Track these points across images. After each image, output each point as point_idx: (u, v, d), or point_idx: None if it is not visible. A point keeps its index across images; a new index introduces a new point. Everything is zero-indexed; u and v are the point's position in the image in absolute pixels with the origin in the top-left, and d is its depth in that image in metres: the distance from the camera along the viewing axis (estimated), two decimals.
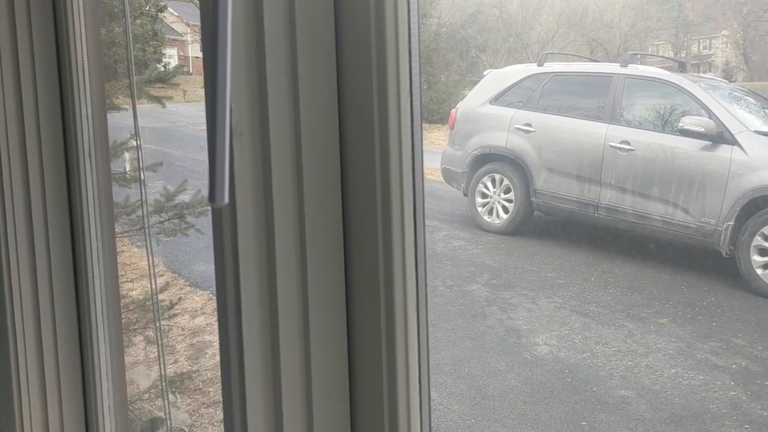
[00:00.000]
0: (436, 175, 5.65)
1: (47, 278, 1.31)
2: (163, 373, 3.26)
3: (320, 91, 0.66)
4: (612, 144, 4.60)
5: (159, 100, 3.68)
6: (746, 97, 4.69)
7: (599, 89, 4.91)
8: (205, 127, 0.56)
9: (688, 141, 4.27)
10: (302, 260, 0.67)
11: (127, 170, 3.55)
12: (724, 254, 4.01)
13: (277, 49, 0.64)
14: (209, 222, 0.68)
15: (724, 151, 4.07)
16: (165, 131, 6.73)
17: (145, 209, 3.30)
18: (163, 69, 4.31)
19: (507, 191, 5.11)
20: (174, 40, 6.74)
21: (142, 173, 3.14)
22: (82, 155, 1.29)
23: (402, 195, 0.66)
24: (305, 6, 0.64)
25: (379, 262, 0.66)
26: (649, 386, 3.20)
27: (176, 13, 6.72)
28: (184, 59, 7.07)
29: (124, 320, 3.33)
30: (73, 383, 1.36)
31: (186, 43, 7.08)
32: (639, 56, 5.47)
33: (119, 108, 3.22)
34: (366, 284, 0.68)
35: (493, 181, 5.19)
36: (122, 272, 3.78)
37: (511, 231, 5.10)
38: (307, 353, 0.68)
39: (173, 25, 6.74)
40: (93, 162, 1.31)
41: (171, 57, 6.64)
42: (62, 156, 1.32)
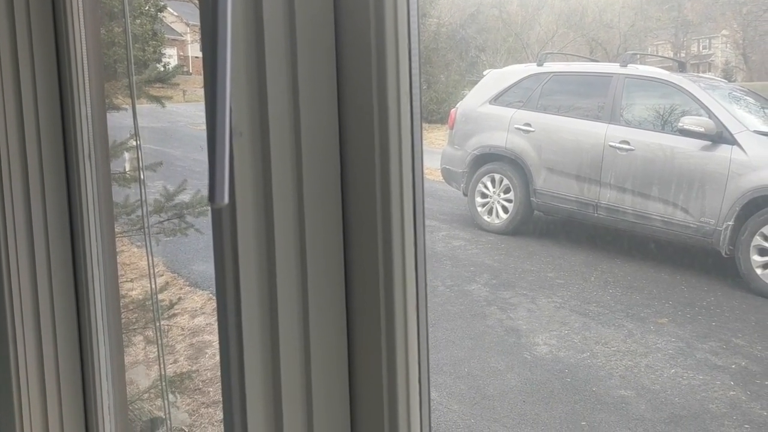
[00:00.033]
0: (436, 175, 5.65)
1: (47, 278, 1.31)
2: (163, 373, 3.25)
3: (320, 91, 0.66)
4: (612, 144, 4.60)
5: (159, 100, 3.67)
6: (746, 97, 4.70)
7: (599, 89, 4.91)
8: (205, 127, 0.55)
9: (688, 141, 4.27)
10: (302, 260, 0.67)
11: (127, 170, 3.55)
12: (724, 254, 4.01)
13: (277, 49, 0.64)
14: (209, 222, 0.68)
15: (724, 151, 4.07)
16: (165, 131, 6.73)
17: (145, 209, 3.30)
18: (163, 69, 4.31)
19: (507, 191, 5.11)
20: (174, 40, 6.74)
21: (142, 173, 3.14)
22: (82, 155, 1.29)
23: (402, 195, 0.66)
24: (305, 6, 0.64)
25: (379, 262, 0.66)
26: (649, 386, 3.20)
27: (176, 13, 6.72)
28: (184, 59, 7.07)
29: (124, 320, 3.33)
30: (73, 383, 1.36)
31: (186, 43, 7.08)
32: (638, 56, 5.47)
33: (119, 108, 3.22)
34: (366, 284, 0.68)
35: (493, 181, 5.19)
36: (122, 272, 3.78)
37: (511, 231, 5.10)
38: (307, 353, 0.68)
39: (173, 25, 6.74)
40: (92, 162, 1.31)
41: (171, 57, 6.64)
42: (62, 156, 1.31)
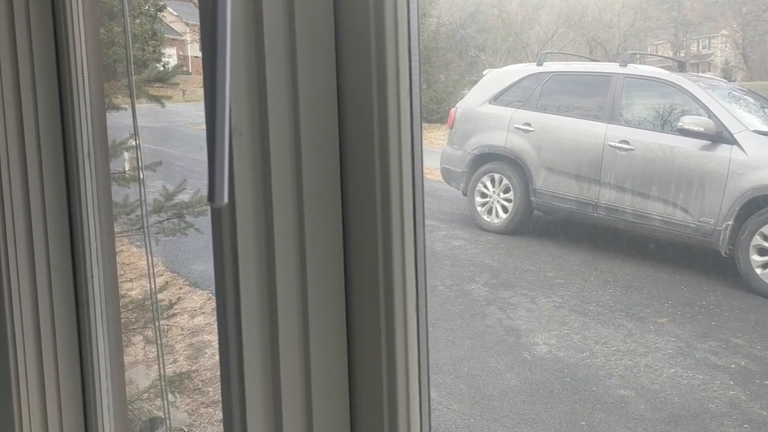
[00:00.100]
0: (436, 175, 5.65)
1: (46, 278, 1.31)
2: (163, 373, 3.25)
3: (320, 91, 0.66)
4: (611, 143, 4.60)
5: (158, 100, 3.67)
6: (745, 97, 4.70)
7: (598, 89, 4.91)
8: (205, 127, 0.55)
9: (688, 140, 4.27)
10: (302, 260, 0.67)
11: (127, 170, 3.55)
12: (724, 254, 4.01)
13: (277, 49, 0.64)
14: (208, 221, 0.68)
15: (724, 151, 4.07)
16: (164, 131, 6.73)
17: (144, 209, 3.30)
18: (163, 68, 4.31)
19: (506, 191, 5.11)
20: (173, 40, 6.74)
21: (141, 173, 3.14)
22: (81, 155, 1.29)
23: (401, 194, 0.66)
24: (304, 5, 0.64)
25: (379, 262, 0.66)
26: (649, 386, 3.20)
27: (175, 13, 6.72)
28: (184, 59, 7.07)
29: (124, 320, 3.32)
30: (73, 383, 1.36)
31: (185, 43, 7.08)
32: (638, 56, 5.48)
33: (118, 107, 3.22)
34: (365, 284, 0.68)
35: (493, 181, 5.19)
36: (121, 272, 3.78)
37: (511, 230, 5.10)
38: (307, 353, 0.68)
39: (172, 25, 6.74)
40: (92, 161, 1.31)
41: (170, 56, 6.64)
42: (61, 155, 1.31)
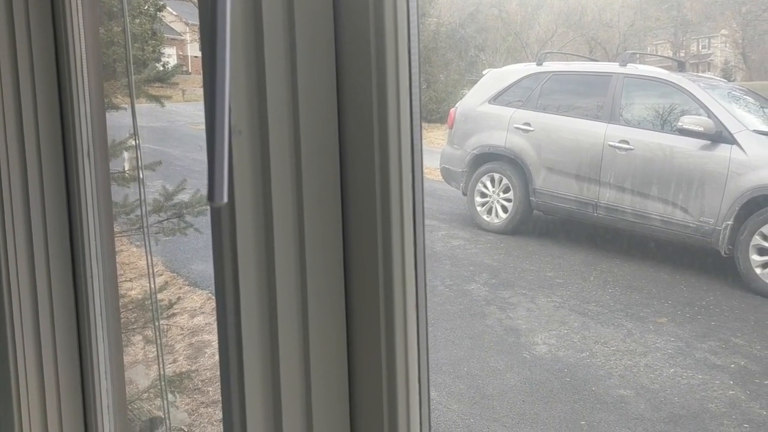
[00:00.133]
0: (435, 175, 5.65)
1: (46, 277, 1.31)
2: (162, 373, 3.25)
3: (319, 90, 0.66)
4: (611, 143, 4.60)
5: (158, 100, 3.67)
6: (745, 97, 4.70)
7: (598, 88, 4.91)
8: (204, 127, 0.55)
9: (687, 140, 4.27)
10: (301, 259, 0.67)
11: (126, 169, 3.55)
12: (723, 253, 4.01)
13: (276, 48, 0.64)
14: (208, 221, 0.68)
15: (723, 151, 4.07)
16: (164, 130, 6.73)
17: (144, 208, 3.30)
18: (162, 68, 4.31)
19: (506, 190, 5.11)
20: (173, 40, 6.74)
21: (141, 172, 3.14)
22: (81, 154, 1.29)
23: (401, 194, 0.66)
24: (304, 5, 0.64)
25: (379, 262, 0.66)
26: (648, 385, 3.20)
27: (175, 13, 6.72)
28: (183, 58, 7.07)
29: (123, 320, 3.32)
30: (72, 383, 1.35)
31: (185, 43, 7.08)
32: (638, 55, 5.48)
33: (118, 107, 3.22)
34: (365, 283, 0.67)
35: (492, 181, 5.19)
36: (121, 272, 3.78)
37: (510, 230, 5.10)
38: (307, 352, 0.68)
39: (172, 25, 6.74)
40: (92, 161, 1.30)
41: (170, 56, 6.64)
42: (61, 155, 1.31)
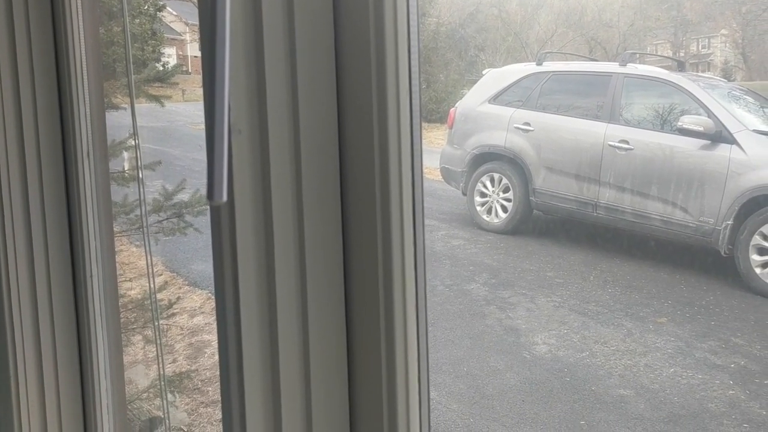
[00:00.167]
0: (435, 175, 5.65)
1: (45, 277, 1.31)
2: (162, 373, 3.25)
3: (319, 90, 0.66)
4: (611, 143, 4.60)
5: (158, 99, 3.67)
6: (745, 96, 4.70)
7: (598, 88, 4.91)
8: (204, 126, 0.55)
9: (687, 140, 4.27)
10: (301, 259, 0.67)
11: (126, 169, 3.55)
12: (723, 253, 4.01)
13: (276, 47, 0.64)
14: (208, 221, 0.68)
15: (723, 150, 4.07)
16: (164, 130, 6.73)
17: (144, 208, 3.30)
18: (162, 68, 4.31)
19: (506, 190, 5.11)
20: (173, 39, 6.74)
21: (141, 172, 3.14)
22: (81, 154, 1.29)
23: (401, 194, 0.66)
24: (304, 4, 0.64)
25: (379, 261, 0.66)
26: (648, 385, 3.20)
27: (175, 12, 6.72)
28: (183, 58, 7.07)
29: (123, 319, 3.32)
30: (72, 382, 1.35)
31: (185, 42, 7.08)
32: (638, 55, 5.48)
33: (118, 107, 3.22)
34: (365, 283, 0.67)
35: (492, 181, 5.19)
36: (121, 271, 3.78)
37: (510, 230, 5.10)
38: (306, 352, 0.68)
39: (172, 24, 6.74)
40: (91, 161, 1.30)
41: (170, 56, 6.64)
42: (60, 155, 1.31)
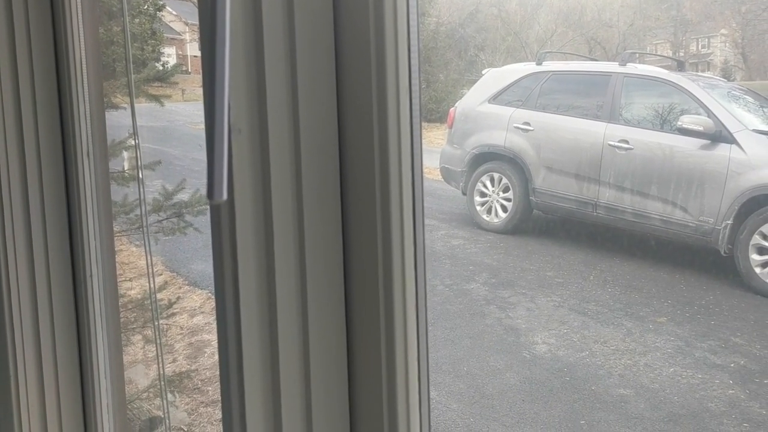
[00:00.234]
0: (435, 174, 5.65)
1: (45, 277, 1.31)
2: (162, 372, 3.25)
3: (319, 89, 0.66)
4: (611, 143, 4.60)
5: (157, 99, 3.67)
6: (745, 96, 4.70)
7: (598, 88, 4.91)
8: (204, 126, 0.55)
9: (687, 140, 4.27)
10: (301, 258, 0.67)
11: (126, 169, 3.55)
12: (723, 253, 4.01)
13: (276, 47, 0.64)
14: (208, 221, 0.68)
15: (723, 150, 4.07)
16: (163, 130, 6.73)
17: (144, 208, 3.30)
18: (162, 68, 4.31)
19: (506, 190, 5.11)
20: (173, 39, 6.74)
21: (141, 172, 3.14)
22: (81, 154, 1.29)
23: (401, 193, 0.66)
24: (304, 4, 0.64)
25: (379, 261, 0.66)
26: (648, 385, 3.20)
27: (175, 12, 6.72)
28: (183, 58, 7.07)
29: (123, 319, 3.32)
30: (72, 382, 1.35)
31: (184, 42, 7.08)
32: (638, 55, 5.48)
33: (117, 107, 3.22)
34: (365, 283, 0.67)
35: (492, 180, 5.19)
36: (120, 271, 3.78)
37: (510, 230, 5.10)
38: (306, 352, 0.68)
39: (172, 24, 6.74)
40: (91, 161, 1.30)
41: (169, 56, 6.64)
42: (60, 155, 1.31)
